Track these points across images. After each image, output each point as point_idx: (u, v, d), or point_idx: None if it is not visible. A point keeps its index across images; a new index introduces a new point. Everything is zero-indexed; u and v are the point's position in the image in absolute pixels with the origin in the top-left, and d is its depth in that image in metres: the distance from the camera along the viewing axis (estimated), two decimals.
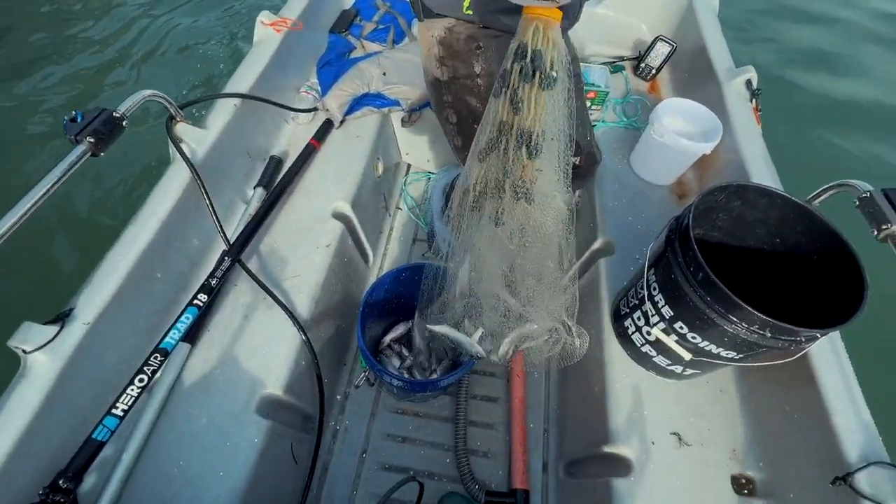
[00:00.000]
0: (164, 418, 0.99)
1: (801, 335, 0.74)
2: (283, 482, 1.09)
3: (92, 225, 2.14)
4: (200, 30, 3.24)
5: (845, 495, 0.79)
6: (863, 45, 3.30)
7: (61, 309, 0.91)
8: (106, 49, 3.05)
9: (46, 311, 0.90)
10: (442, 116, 1.08)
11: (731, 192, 0.91)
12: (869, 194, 0.89)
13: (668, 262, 0.88)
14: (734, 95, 1.41)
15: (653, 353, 1.02)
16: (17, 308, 1.83)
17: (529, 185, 0.76)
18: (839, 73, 3.09)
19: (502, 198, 0.78)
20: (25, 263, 1.97)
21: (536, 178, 0.76)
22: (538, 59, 0.63)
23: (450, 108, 1.02)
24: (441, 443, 1.35)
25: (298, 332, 1.11)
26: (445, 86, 0.99)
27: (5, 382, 0.84)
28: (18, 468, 0.78)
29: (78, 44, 3.08)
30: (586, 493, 1.11)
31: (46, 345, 0.84)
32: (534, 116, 0.68)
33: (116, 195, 2.24)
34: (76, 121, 0.93)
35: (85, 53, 3.01)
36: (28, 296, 1.89)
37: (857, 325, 0.72)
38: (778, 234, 0.94)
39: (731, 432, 1.02)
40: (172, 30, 3.23)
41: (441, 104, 1.04)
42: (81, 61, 2.96)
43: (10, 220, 0.81)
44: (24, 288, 1.93)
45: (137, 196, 2.17)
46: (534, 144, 0.72)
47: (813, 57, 3.19)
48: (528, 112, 0.67)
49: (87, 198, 2.22)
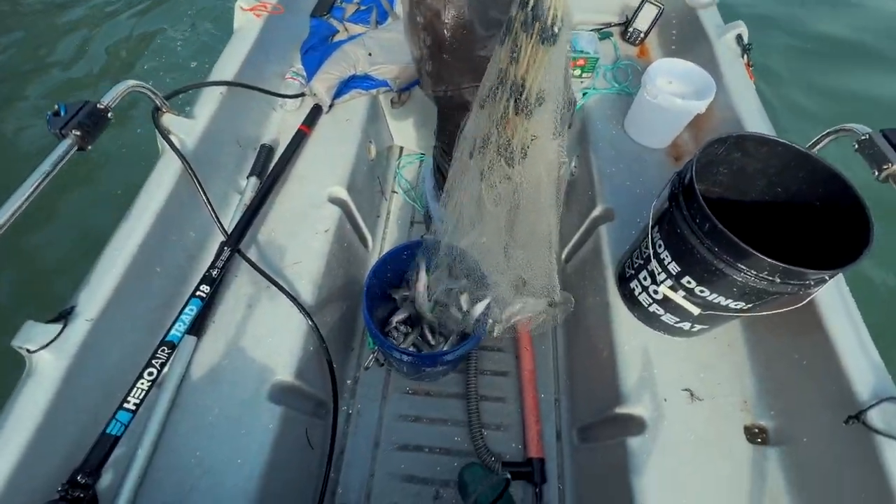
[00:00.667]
0: (176, 411, 0.98)
1: (809, 278, 0.74)
2: (299, 467, 1.09)
3: (80, 223, 2.11)
4: (171, 17, 3.16)
5: (858, 434, 0.80)
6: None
7: (62, 307, 0.90)
8: (75, 41, 2.97)
9: (39, 309, 0.89)
10: (415, 40, 1.01)
11: (730, 143, 0.90)
12: (868, 136, 0.89)
13: (672, 217, 0.87)
14: (725, 52, 1.40)
15: (660, 311, 1.02)
16: (9, 309, 1.81)
17: (523, 144, 0.75)
18: (825, 16, 3.07)
19: (498, 153, 0.76)
20: (15, 262, 1.94)
21: (530, 137, 0.75)
22: (539, 8, 0.61)
23: (423, 30, 0.97)
24: (454, 419, 1.35)
25: (304, 318, 1.10)
26: (417, 5, 0.93)
27: (5, 384, 0.83)
28: (34, 467, 0.77)
29: (47, 38, 2.99)
30: (601, 456, 1.12)
31: (50, 343, 0.83)
32: (527, 70, 0.66)
33: (104, 190, 2.20)
34: (59, 114, 0.90)
35: (56, 47, 2.93)
36: (21, 295, 1.87)
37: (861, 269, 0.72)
38: (779, 183, 0.94)
39: (741, 384, 1.03)
40: (142, 19, 3.15)
41: (415, 26, 0.98)
42: (51, 55, 2.88)
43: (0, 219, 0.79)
44: (16, 287, 1.90)
45: (125, 191, 2.14)
46: (524, 100, 0.70)
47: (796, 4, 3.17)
48: (523, 65, 0.65)
49: (73, 195, 2.18)
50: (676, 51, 1.64)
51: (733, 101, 1.29)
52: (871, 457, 0.76)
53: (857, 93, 2.60)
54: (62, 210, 2.12)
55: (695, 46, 1.50)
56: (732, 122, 1.27)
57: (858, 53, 2.85)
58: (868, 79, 2.68)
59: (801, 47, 2.87)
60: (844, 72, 2.73)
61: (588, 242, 1.36)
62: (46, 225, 2.06)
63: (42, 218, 2.07)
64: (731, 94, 1.31)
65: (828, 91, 2.62)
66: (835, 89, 2.63)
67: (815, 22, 3.04)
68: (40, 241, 2.02)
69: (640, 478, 0.93)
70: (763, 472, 0.93)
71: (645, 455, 0.95)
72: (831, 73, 2.71)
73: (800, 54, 2.82)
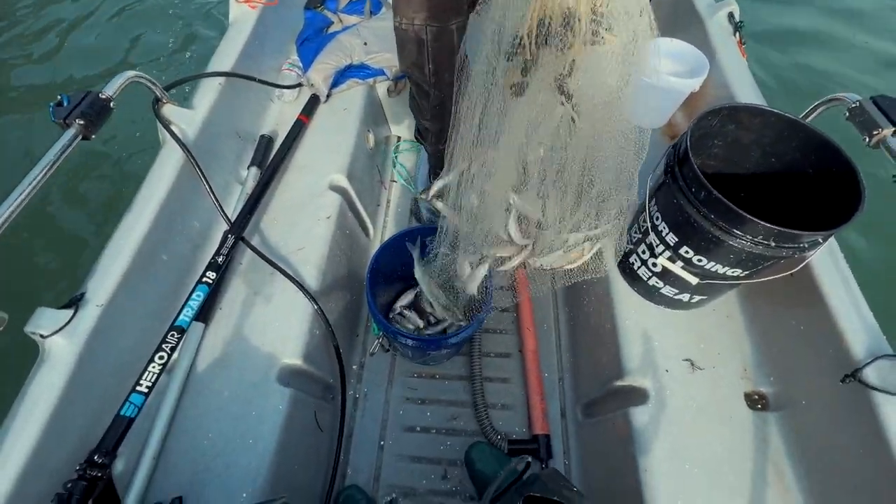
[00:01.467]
0: (187, 396, 1.00)
1: (804, 240, 0.76)
2: (310, 448, 1.11)
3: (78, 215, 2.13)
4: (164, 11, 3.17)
5: (855, 392, 0.82)
6: None
7: (72, 294, 0.91)
8: (71, 32, 2.98)
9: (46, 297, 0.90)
10: None
11: (724, 115, 0.92)
12: (858, 103, 0.90)
13: (668, 189, 0.89)
14: (717, 30, 1.42)
15: (660, 284, 1.04)
16: (18, 296, 1.83)
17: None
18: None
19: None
20: (20, 252, 1.97)
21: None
22: None
23: None
24: (459, 400, 1.37)
25: (310, 304, 1.12)
26: None
27: (14, 369, 0.84)
28: (52, 448, 0.79)
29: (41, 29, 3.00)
30: (606, 429, 1.15)
31: (63, 328, 0.84)
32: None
33: (104, 183, 2.22)
34: (62, 104, 0.92)
35: (49, 37, 2.94)
36: (29, 283, 1.89)
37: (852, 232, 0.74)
38: (773, 153, 0.96)
39: (739, 353, 1.05)
40: (132, 12, 3.15)
41: None
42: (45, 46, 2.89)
43: (4, 208, 0.79)
44: (23, 276, 1.93)
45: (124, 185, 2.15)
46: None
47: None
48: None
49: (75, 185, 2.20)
50: (669, 31, 1.65)
51: (727, 78, 1.31)
52: (867, 412, 0.79)
53: (848, 66, 2.63)
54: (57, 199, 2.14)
55: (687, 26, 1.52)
56: (726, 99, 1.29)
57: (852, 26, 2.88)
58: (859, 50, 2.71)
59: (793, 24, 2.90)
60: (834, 47, 2.76)
61: None
62: (50, 215, 2.09)
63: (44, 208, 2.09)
64: (725, 71, 1.33)
65: (818, 67, 2.65)
66: (825, 66, 2.66)
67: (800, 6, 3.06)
68: (35, 232, 2.05)
69: (645, 446, 0.95)
70: (764, 436, 0.96)
71: (650, 424, 0.97)
72: (821, 50, 2.74)
73: (791, 31, 2.85)
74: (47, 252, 1.99)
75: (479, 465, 1.20)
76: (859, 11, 3.00)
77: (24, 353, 0.87)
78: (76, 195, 2.15)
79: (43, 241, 2.01)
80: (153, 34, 3.01)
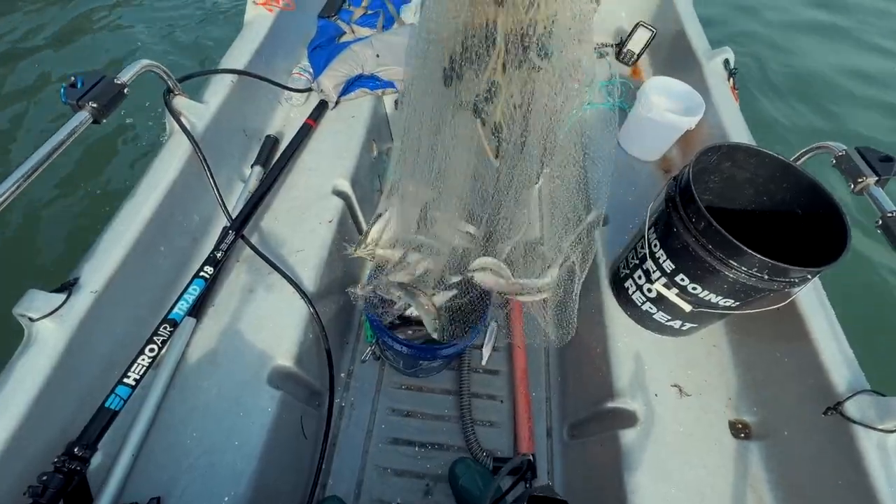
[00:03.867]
0: (174, 392, 0.97)
1: (794, 275, 0.81)
2: (295, 453, 1.09)
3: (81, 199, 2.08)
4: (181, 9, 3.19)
5: (835, 425, 0.86)
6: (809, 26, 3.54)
7: (65, 279, 0.88)
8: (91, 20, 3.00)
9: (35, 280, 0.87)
10: None
11: (723, 152, 0.97)
12: (844, 152, 0.97)
13: (668, 218, 0.93)
14: (713, 75, 1.50)
15: (653, 310, 1.07)
16: (10, 277, 1.76)
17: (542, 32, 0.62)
18: (804, 49, 3.32)
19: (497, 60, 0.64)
20: (21, 231, 1.91)
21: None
22: None
23: None
24: (446, 415, 1.37)
25: (304, 306, 1.11)
26: None
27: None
28: (30, 436, 0.75)
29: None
30: (591, 451, 1.16)
31: (54, 312, 0.82)
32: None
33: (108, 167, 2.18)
34: (76, 86, 0.90)
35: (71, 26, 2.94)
36: (22, 264, 1.83)
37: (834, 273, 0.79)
38: (765, 192, 1.01)
39: (725, 382, 1.09)
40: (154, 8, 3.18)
41: None
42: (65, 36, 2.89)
43: (8, 185, 0.78)
44: (17, 257, 1.87)
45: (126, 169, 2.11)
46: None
47: (778, 36, 3.42)
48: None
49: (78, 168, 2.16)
50: (667, 72, 1.74)
51: (721, 118, 1.38)
52: (847, 444, 0.82)
53: (834, 115, 2.81)
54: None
55: (685, 68, 1.60)
56: (719, 138, 1.36)
57: (838, 80, 3.08)
58: (843, 103, 2.90)
59: (783, 71, 3.10)
60: (823, 96, 2.95)
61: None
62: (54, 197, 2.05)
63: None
64: (719, 112, 1.40)
65: (805, 112, 2.82)
66: (811, 112, 2.84)
67: (795, 51, 3.28)
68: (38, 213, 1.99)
69: (632, 467, 0.96)
70: (747, 464, 0.98)
71: (638, 447, 0.99)
72: (810, 98, 2.92)
73: (782, 78, 3.04)
74: (44, 234, 1.94)
75: (462, 481, 1.19)
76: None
77: (9, 336, 0.84)
78: (79, 177, 2.11)
79: (41, 222, 1.96)
80: (169, 28, 3.03)
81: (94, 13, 3.07)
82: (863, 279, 1.98)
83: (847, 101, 2.93)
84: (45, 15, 3.00)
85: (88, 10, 3.08)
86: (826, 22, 3.55)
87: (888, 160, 0.94)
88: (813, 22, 3.56)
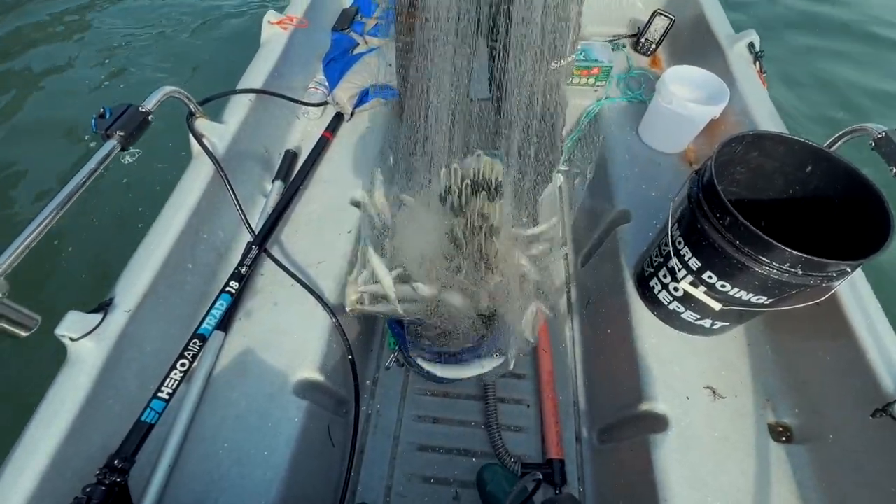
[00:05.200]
0: (205, 404, 1.00)
1: (831, 269, 0.76)
2: (323, 462, 1.10)
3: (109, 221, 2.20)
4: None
5: (886, 427, 0.80)
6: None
7: (101, 299, 0.93)
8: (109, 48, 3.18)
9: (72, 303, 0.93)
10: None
11: (748, 142, 0.93)
12: (884, 134, 0.90)
13: (692, 213, 0.89)
14: (737, 60, 1.44)
15: (681, 309, 1.03)
16: (48, 300, 1.88)
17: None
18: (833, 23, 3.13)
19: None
20: (53, 258, 2.03)
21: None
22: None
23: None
24: (472, 420, 1.36)
25: (327, 317, 1.13)
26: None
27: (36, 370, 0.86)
28: (74, 451, 0.80)
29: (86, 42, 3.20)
30: (622, 456, 1.12)
31: (92, 332, 0.86)
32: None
33: (135, 190, 2.30)
34: (104, 116, 0.96)
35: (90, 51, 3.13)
36: (58, 288, 1.95)
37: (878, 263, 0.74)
38: (797, 181, 0.96)
39: (763, 383, 1.03)
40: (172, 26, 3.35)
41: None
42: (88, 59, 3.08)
43: (46, 213, 0.83)
44: (53, 281, 1.98)
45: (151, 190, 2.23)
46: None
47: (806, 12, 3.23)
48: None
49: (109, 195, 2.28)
50: (688, 60, 1.67)
51: (747, 106, 1.32)
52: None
53: (872, 93, 2.63)
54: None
55: (707, 56, 1.54)
56: (747, 126, 1.30)
57: (870, 52, 2.89)
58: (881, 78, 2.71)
59: (814, 50, 2.92)
60: (857, 73, 2.76)
61: (605, 244, 1.38)
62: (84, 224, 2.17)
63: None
64: (745, 99, 1.34)
65: (840, 94, 2.65)
66: (847, 92, 2.66)
67: (827, 25, 3.09)
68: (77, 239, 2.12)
69: (665, 474, 0.93)
70: (790, 470, 0.93)
71: (670, 452, 0.95)
72: (843, 76, 2.74)
73: (813, 58, 2.87)
74: (78, 258, 2.05)
75: (490, 487, 1.18)
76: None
77: (51, 356, 0.89)
78: (107, 203, 2.23)
79: (75, 247, 2.08)
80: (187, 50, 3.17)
81: (111, 43, 3.25)
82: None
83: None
84: (57, 44, 3.19)
85: (105, 39, 3.26)
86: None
87: None
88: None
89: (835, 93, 2.69)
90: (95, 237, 2.12)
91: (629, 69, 1.74)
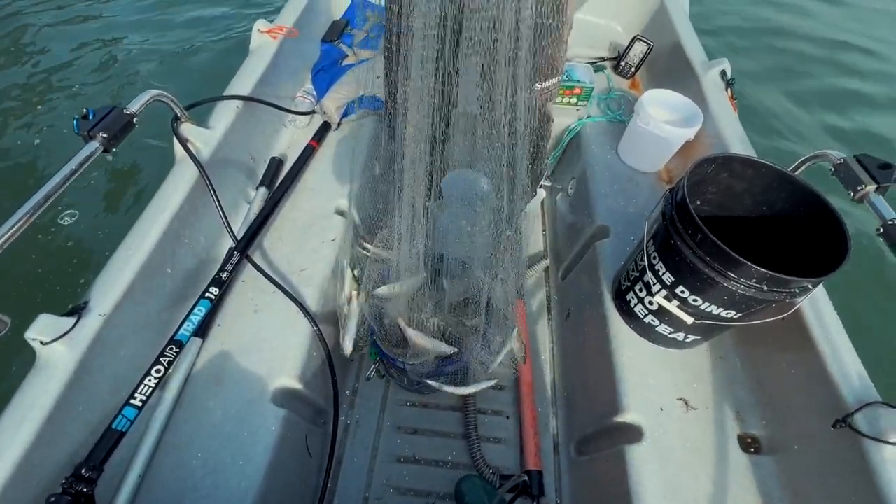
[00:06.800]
0: (180, 411, 0.98)
1: (794, 286, 0.80)
2: (300, 472, 1.09)
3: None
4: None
5: (845, 438, 0.83)
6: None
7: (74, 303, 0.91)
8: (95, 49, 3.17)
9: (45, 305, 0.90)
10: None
11: (719, 163, 0.98)
12: (843, 160, 0.96)
13: (666, 230, 0.93)
14: (710, 86, 1.51)
15: (655, 322, 1.06)
16: (21, 303, 1.81)
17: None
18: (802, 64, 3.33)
19: None
20: (27, 259, 1.97)
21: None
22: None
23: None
24: (451, 432, 1.36)
25: (308, 325, 1.12)
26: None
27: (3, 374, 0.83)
28: (39, 458, 0.77)
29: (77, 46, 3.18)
30: (599, 467, 1.14)
31: (64, 336, 0.84)
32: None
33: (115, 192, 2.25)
34: (87, 118, 0.95)
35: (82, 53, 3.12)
36: (31, 290, 1.89)
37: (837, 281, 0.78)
38: (763, 202, 1.01)
39: (733, 395, 1.07)
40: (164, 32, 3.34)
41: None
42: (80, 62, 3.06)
43: (22, 213, 0.81)
44: (27, 283, 1.92)
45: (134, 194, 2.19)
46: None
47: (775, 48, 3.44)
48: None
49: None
50: (665, 84, 1.75)
51: (719, 129, 1.39)
52: (858, 458, 0.80)
53: (833, 123, 2.81)
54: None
55: (682, 80, 1.61)
56: (718, 148, 1.36)
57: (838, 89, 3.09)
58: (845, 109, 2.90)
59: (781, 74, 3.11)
60: (821, 102, 2.94)
61: (585, 258, 1.42)
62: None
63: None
64: (717, 123, 1.40)
65: (804, 121, 2.82)
66: (810, 120, 2.83)
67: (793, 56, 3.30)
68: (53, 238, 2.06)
69: (640, 485, 0.94)
70: (757, 480, 0.96)
71: (645, 463, 0.97)
72: (809, 104, 2.92)
73: (779, 84, 3.05)
74: (53, 260, 1.99)
75: (469, 499, 1.18)
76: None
77: (20, 359, 0.86)
78: (86, 204, 2.18)
79: (50, 248, 2.02)
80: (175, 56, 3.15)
81: (99, 42, 3.22)
82: (868, 288, 1.94)
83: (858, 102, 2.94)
84: (47, 46, 3.17)
85: (95, 39, 3.24)
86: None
87: (887, 167, 0.94)
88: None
89: (796, 119, 2.87)
90: (72, 239, 2.07)
91: (610, 90, 1.80)
